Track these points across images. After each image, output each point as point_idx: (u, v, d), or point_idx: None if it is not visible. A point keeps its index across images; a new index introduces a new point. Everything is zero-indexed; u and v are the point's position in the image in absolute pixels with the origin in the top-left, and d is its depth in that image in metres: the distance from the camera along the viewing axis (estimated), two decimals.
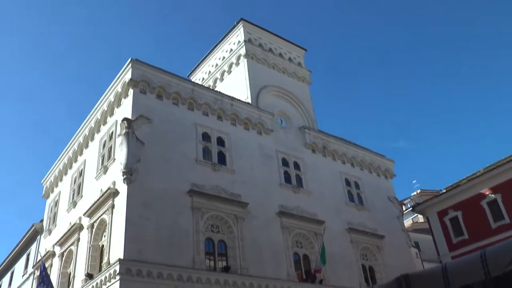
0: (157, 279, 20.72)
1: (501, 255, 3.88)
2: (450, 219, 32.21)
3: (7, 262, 39.41)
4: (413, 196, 56.07)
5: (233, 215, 24.73)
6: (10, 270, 38.73)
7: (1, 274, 40.82)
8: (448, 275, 4.18)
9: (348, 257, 28.71)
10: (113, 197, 23.03)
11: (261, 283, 23.64)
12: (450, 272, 4.20)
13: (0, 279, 40.96)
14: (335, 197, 30.54)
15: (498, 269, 3.86)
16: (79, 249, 25.74)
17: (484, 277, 3.94)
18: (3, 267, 40.24)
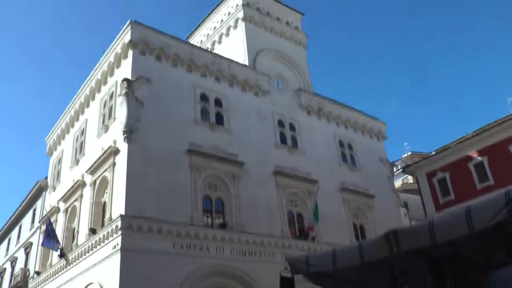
0: (157, 235, 20.96)
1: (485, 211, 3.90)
2: (438, 180, 32.47)
3: (15, 217, 39.77)
4: (403, 158, 56.36)
5: (230, 174, 24.84)
6: (18, 224, 39.13)
7: (10, 228, 41.25)
8: (435, 230, 4.21)
9: (340, 215, 29.01)
10: (114, 155, 23.04)
11: (256, 239, 23.95)
12: (436, 227, 4.22)
13: (9, 233, 41.42)
14: (328, 158, 30.64)
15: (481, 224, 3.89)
16: (82, 205, 25.93)
17: (468, 231, 3.97)
18: (12, 222, 40.64)
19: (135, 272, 19.55)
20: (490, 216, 3.83)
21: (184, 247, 21.43)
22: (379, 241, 4.79)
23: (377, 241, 4.88)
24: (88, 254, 22.76)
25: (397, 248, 4.60)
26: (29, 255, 33.58)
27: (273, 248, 24.33)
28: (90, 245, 22.64)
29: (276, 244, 24.52)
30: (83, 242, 23.81)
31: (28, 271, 32.27)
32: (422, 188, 33.81)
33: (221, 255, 22.45)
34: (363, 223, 30.61)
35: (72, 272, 24.17)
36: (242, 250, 23.30)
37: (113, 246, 20.45)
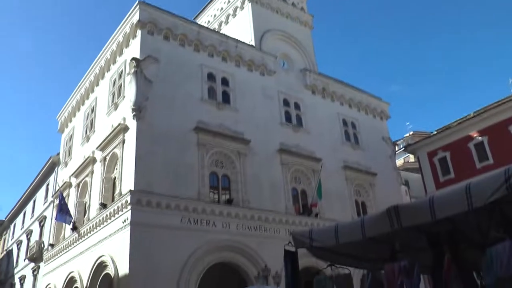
0: (165, 209, 21.16)
1: (484, 188, 3.90)
2: (439, 159, 32.42)
3: (29, 192, 40.17)
4: (405, 137, 56.14)
5: (236, 151, 24.91)
6: (33, 198, 39.54)
7: (25, 202, 41.70)
8: (435, 206, 4.22)
9: (342, 192, 29.11)
10: (123, 133, 23.13)
11: (261, 215, 24.14)
12: (436, 203, 4.23)
13: (24, 207, 41.89)
14: (332, 137, 30.61)
15: (480, 201, 3.89)
16: (93, 181, 26.14)
17: (467, 208, 3.98)
18: (26, 196, 41.07)
19: (145, 246, 19.80)
20: (490, 192, 3.83)
21: (191, 222, 21.63)
22: (381, 217, 4.81)
23: (378, 216, 4.90)
24: (99, 228, 23.03)
25: (397, 223, 4.62)
26: (43, 228, 34.02)
27: (277, 224, 24.50)
28: (101, 219, 22.89)
29: (280, 220, 24.69)
30: (94, 216, 24.07)
31: (43, 243, 32.73)
32: (423, 167, 33.79)
33: (227, 230, 22.66)
34: (365, 200, 30.71)
35: (84, 245, 24.50)
36: (248, 226, 23.49)
37: (123, 220, 20.67)
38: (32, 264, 34.25)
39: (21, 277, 36.98)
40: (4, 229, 48.02)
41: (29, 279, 34.88)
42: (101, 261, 22.12)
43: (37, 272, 33.10)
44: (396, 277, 5.00)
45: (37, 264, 33.10)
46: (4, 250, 45.65)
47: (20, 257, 38.95)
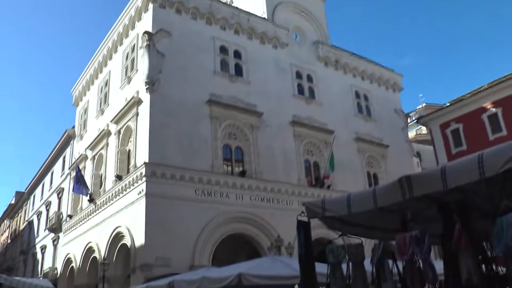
0: (179, 181, 21.38)
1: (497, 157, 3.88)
2: (451, 131, 32.07)
3: (47, 164, 40.78)
4: (418, 109, 55.61)
5: (248, 123, 24.93)
6: (50, 171, 40.16)
7: (43, 174, 42.38)
8: (447, 175, 4.21)
9: (354, 164, 29.11)
10: (137, 106, 23.24)
11: (274, 186, 24.28)
12: (449, 173, 4.23)
13: (42, 179, 42.60)
14: (345, 109, 30.43)
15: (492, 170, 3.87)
16: (108, 153, 26.41)
17: (479, 177, 3.96)
18: (44, 168, 41.72)
19: (160, 217, 20.10)
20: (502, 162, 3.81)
21: (205, 194, 21.86)
22: (392, 186, 4.81)
23: (390, 186, 4.90)
24: (115, 200, 23.39)
25: (409, 193, 4.62)
26: (61, 199, 34.64)
27: (289, 195, 24.64)
28: (117, 191, 23.21)
29: (293, 192, 24.83)
30: (110, 188, 24.42)
31: (61, 214, 33.38)
32: (435, 139, 33.48)
33: (240, 201, 22.86)
34: (377, 172, 30.70)
35: (101, 216, 24.94)
36: (261, 197, 23.68)
37: (138, 192, 20.95)
38: (52, 235, 35.02)
39: (42, 247, 37.90)
40: (25, 201, 48.99)
41: (49, 249, 35.73)
42: (117, 232, 22.53)
43: (57, 242, 33.88)
44: (407, 246, 5.03)
45: (56, 235, 33.84)
46: (26, 221, 46.68)
47: (40, 227, 39.83)
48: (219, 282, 10.86)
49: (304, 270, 6.19)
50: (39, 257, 38.56)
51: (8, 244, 53.36)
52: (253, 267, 11.19)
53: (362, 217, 6.10)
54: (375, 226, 6.12)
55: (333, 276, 6.10)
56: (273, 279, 10.73)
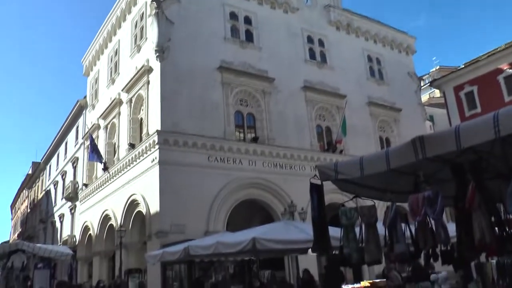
0: (192, 148, 21.51)
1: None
2: (465, 93, 31.56)
3: (60, 134, 41.20)
4: (431, 72, 54.77)
5: (260, 89, 24.81)
6: (64, 141, 40.60)
7: (57, 144, 42.85)
8: (460, 135, 4.16)
9: (366, 128, 28.97)
10: (147, 74, 23.20)
11: (286, 152, 24.33)
12: (462, 132, 4.17)
13: (57, 149, 43.13)
14: (357, 73, 30.07)
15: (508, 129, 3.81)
16: (121, 122, 26.57)
17: (494, 136, 3.91)
18: (58, 139, 42.17)
19: (174, 184, 20.32)
20: None
21: (218, 160, 21.99)
22: (406, 147, 4.78)
23: (403, 147, 4.87)
24: (129, 168, 23.65)
25: (422, 153, 4.58)
26: (76, 169, 35.12)
27: (302, 161, 24.69)
28: (130, 159, 23.45)
29: (305, 157, 24.86)
30: (123, 156, 24.67)
31: (77, 183, 33.91)
32: (448, 102, 33.04)
33: (253, 167, 22.98)
34: (389, 136, 30.56)
35: (115, 184, 25.29)
36: (273, 163, 23.76)
37: (151, 160, 21.14)
38: (69, 203, 35.69)
39: (60, 216, 38.71)
40: (41, 171, 49.78)
41: (67, 217, 36.49)
42: (132, 199, 22.88)
43: (74, 210, 34.55)
44: (420, 207, 5.04)
45: (73, 203, 34.48)
46: (43, 190, 47.54)
47: (57, 196, 40.58)
48: (234, 246, 11.04)
49: (317, 233, 6.25)
50: (57, 225, 39.44)
51: (28, 213, 54.60)
52: (267, 232, 11.35)
53: (374, 180, 6.10)
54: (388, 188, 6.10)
55: (346, 238, 6.15)
56: (286, 243, 10.90)
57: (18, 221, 63.56)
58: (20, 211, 63.28)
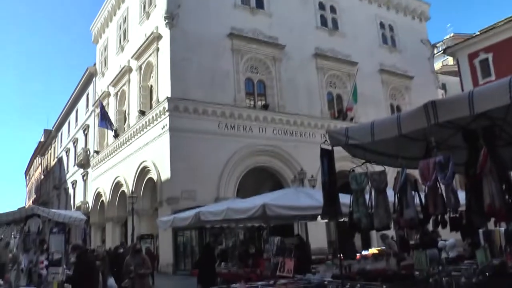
0: (202, 115, 21.55)
1: None
2: (480, 61, 30.99)
3: (71, 102, 41.38)
4: (445, 40, 53.70)
5: (271, 56, 24.61)
6: (75, 108, 40.81)
7: (68, 112, 43.09)
8: (474, 100, 4.10)
9: (377, 96, 28.73)
10: (157, 41, 23.05)
11: (296, 119, 24.29)
12: (476, 97, 4.11)
13: (68, 117, 43.41)
14: (369, 40, 29.61)
15: None
16: (131, 89, 26.59)
17: (509, 101, 3.85)
18: (69, 106, 42.37)
19: (184, 151, 20.46)
20: None
21: (228, 127, 22.04)
22: (417, 112, 4.73)
23: (415, 112, 4.82)
24: (139, 135, 23.80)
25: (434, 119, 4.53)
26: (87, 136, 35.42)
27: (312, 128, 24.66)
28: (141, 126, 23.57)
29: (315, 125, 24.81)
30: (134, 123, 24.79)
31: (88, 150, 34.24)
32: (462, 70, 32.49)
33: (263, 134, 23.02)
34: (400, 104, 30.31)
35: (126, 151, 25.50)
36: (284, 130, 23.77)
37: (162, 127, 21.24)
38: (81, 170, 36.15)
39: (73, 182, 39.28)
40: (53, 138, 50.27)
41: (80, 184, 37.03)
42: (143, 166, 23.11)
43: (86, 177, 35.02)
44: (431, 172, 5.03)
45: (85, 170, 34.91)
46: (55, 157, 48.10)
47: (69, 163, 41.09)
48: (244, 212, 11.11)
49: (327, 198, 6.27)
50: (70, 192, 40.07)
51: (42, 180, 55.45)
52: (277, 198, 11.40)
53: (385, 145, 6.08)
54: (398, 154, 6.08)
55: (356, 204, 6.16)
56: (296, 209, 10.95)
57: (33, 188, 64.66)
58: (34, 178, 64.29)
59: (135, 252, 9.21)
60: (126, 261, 9.00)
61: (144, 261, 9.02)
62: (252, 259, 10.11)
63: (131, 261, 8.86)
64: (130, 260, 8.94)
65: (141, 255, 9.34)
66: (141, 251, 9.95)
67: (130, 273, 8.59)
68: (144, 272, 8.85)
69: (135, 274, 8.55)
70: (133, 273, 8.55)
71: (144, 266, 8.88)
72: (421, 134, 5.71)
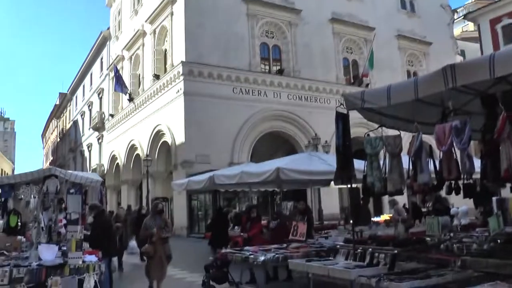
0: (217, 80, 21.51)
1: None
2: (502, 26, 30.17)
3: (85, 66, 41.42)
4: (466, 5, 52.41)
5: (286, 21, 24.27)
6: (89, 72, 40.88)
7: (83, 75, 43.17)
8: (495, 63, 4.02)
9: (394, 62, 28.29)
10: (171, 5, 22.82)
11: (311, 85, 24.13)
12: (497, 60, 4.03)
13: (82, 80, 43.55)
14: (387, 4, 28.90)
15: None
16: (145, 53, 26.51)
17: None
18: (83, 70, 42.44)
19: (199, 115, 20.52)
20: None
21: (243, 92, 22.00)
22: (435, 76, 4.65)
23: (433, 75, 4.74)
24: (154, 99, 23.87)
25: (453, 82, 4.46)
26: (102, 99, 35.61)
27: (327, 94, 24.50)
28: (155, 90, 23.61)
29: (330, 90, 24.62)
30: (148, 87, 24.83)
31: (103, 114, 34.49)
32: (482, 35, 31.69)
33: (278, 100, 22.96)
34: (417, 70, 29.83)
35: (141, 115, 25.65)
36: (299, 96, 23.67)
37: (176, 91, 21.26)
38: (96, 133, 36.52)
39: (88, 145, 39.77)
40: (68, 101, 50.63)
41: (95, 147, 37.47)
42: (158, 130, 23.26)
43: (101, 140, 35.40)
44: (447, 136, 4.99)
45: (100, 133, 35.27)
46: (71, 120, 48.56)
47: (85, 126, 41.49)
48: (258, 176, 11.18)
49: (341, 162, 6.27)
50: (86, 154, 40.62)
51: (58, 143, 56.20)
52: (291, 162, 11.44)
53: (401, 110, 6.02)
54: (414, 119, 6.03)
55: (370, 168, 6.16)
56: (310, 174, 10.99)
57: (49, 150, 65.65)
58: (50, 140, 65.17)
59: (156, 213, 8.04)
60: (146, 223, 7.95)
61: (166, 223, 8.06)
62: (250, 223, 10.19)
63: (152, 222, 7.83)
64: (150, 221, 7.90)
65: (163, 217, 8.25)
66: (163, 212, 8.68)
67: (152, 237, 7.61)
68: (167, 235, 7.90)
69: (157, 238, 7.59)
70: (155, 236, 7.58)
71: (167, 228, 7.96)
72: (437, 99, 5.65)
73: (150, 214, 8.50)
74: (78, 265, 6.00)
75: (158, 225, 7.74)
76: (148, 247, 7.70)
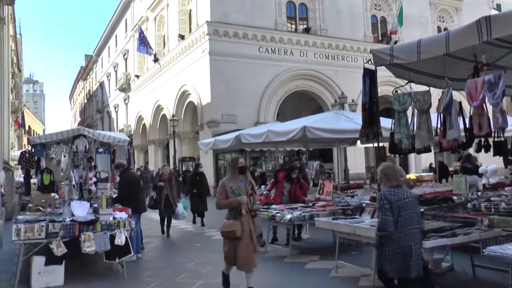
0: (242, 39, 21.30)
1: None
2: None
3: (110, 27, 41.42)
4: None
5: None
6: (114, 33, 40.91)
7: (107, 37, 43.26)
8: None
9: (424, 18, 27.43)
10: None
11: (338, 43, 23.69)
12: None
13: (107, 42, 43.69)
14: None
15: None
16: (169, 14, 26.32)
17: None
18: (108, 31, 42.46)
19: (224, 74, 20.49)
20: None
21: (269, 51, 21.79)
22: (469, 28, 4.49)
23: (466, 28, 4.57)
24: (179, 59, 23.85)
25: (487, 35, 4.29)
26: (127, 60, 35.76)
27: (355, 52, 24.05)
28: (180, 50, 23.56)
29: (358, 49, 24.16)
30: (173, 48, 24.77)
31: (129, 74, 34.72)
32: None
33: (304, 59, 22.68)
34: (448, 27, 28.75)
35: (166, 75, 25.73)
36: (325, 54, 23.32)
37: (201, 51, 21.17)
38: (122, 94, 36.90)
39: (115, 106, 40.28)
40: (94, 63, 51.03)
41: (122, 108, 37.94)
42: (183, 90, 23.35)
43: (127, 101, 35.78)
44: (479, 91, 4.85)
45: (126, 94, 35.62)
46: (97, 82, 49.09)
47: (111, 88, 41.92)
48: (285, 134, 11.21)
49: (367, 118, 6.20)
50: (113, 115, 41.20)
51: (85, 104, 57.12)
52: (317, 121, 11.40)
53: (430, 65, 5.88)
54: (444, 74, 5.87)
55: (398, 124, 6.07)
56: (336, 132, 10.94)
57: (77, 112, 66.85)
58: (78, 101, 66.24)
59: (239, 172, 5.19)
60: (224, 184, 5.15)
61: (253, 188, 5.30)
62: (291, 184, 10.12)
63: (235, 185, 5.09)
64: (232, 183, 5.12)
65: (248, 178, 5.31)
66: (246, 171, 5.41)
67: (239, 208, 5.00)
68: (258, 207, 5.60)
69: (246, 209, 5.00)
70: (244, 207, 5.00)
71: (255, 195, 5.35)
72: (469, 53, 5.49)
73: (228, 173, 5.35)
74: (109, 221, 6.23)
75: (244, 190, 5.14)
76: (234, 223, 5.05)
